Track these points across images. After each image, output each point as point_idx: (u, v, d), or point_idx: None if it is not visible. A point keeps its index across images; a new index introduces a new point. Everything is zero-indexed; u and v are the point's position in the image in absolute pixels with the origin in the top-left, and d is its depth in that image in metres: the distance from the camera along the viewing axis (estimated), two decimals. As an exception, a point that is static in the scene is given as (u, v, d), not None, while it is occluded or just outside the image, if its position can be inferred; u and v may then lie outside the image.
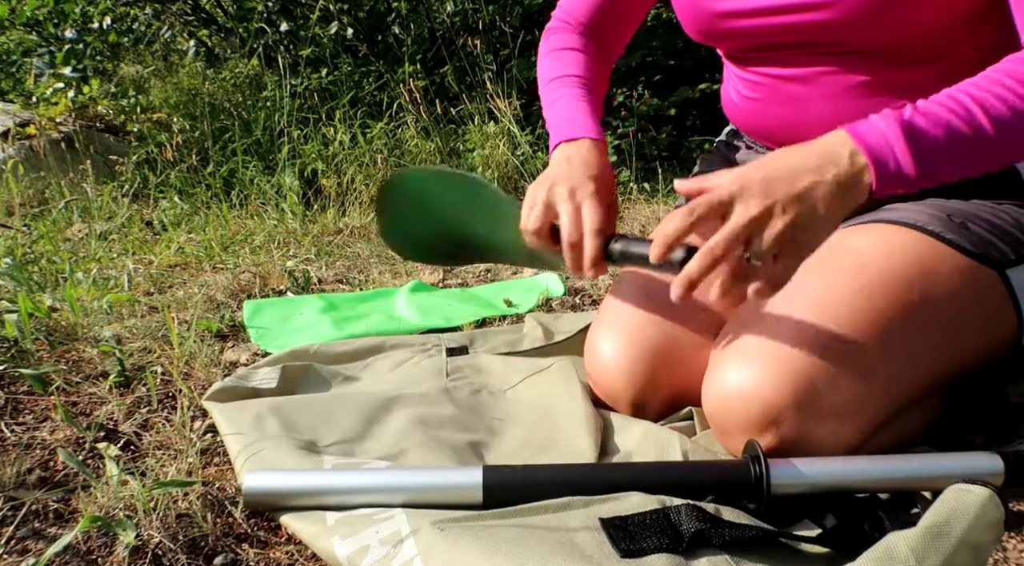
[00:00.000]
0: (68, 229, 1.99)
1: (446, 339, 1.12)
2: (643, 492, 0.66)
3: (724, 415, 0.75)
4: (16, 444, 0.83)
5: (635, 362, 0.87)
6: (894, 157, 0.64)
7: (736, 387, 0.73)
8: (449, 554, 0.57)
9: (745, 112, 0.94)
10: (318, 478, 0.70)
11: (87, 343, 1.10)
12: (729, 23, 0.86)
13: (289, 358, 1.03)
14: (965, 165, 0.67)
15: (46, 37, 3.56)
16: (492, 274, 1.63)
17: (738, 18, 0.85)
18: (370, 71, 3.24)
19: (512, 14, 3.36)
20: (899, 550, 0.53)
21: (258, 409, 0.85)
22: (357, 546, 0.61)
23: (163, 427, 0.87)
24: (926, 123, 0.65)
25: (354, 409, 0.86)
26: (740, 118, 0.97)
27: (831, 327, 0.72)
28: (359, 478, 0.69)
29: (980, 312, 0.78)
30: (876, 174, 0.64)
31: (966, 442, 0.84)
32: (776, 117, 0.90)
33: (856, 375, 0.71)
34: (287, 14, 3.30)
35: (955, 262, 0.77)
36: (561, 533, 0.60)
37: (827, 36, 0.80)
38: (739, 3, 0.84)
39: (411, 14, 3.50)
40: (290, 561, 0.67)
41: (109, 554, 0.65)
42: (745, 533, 0.59)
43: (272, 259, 1.71)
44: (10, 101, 3.38)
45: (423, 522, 0.62)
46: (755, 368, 0.72)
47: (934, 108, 0.66)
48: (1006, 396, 0.89)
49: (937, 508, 0.57)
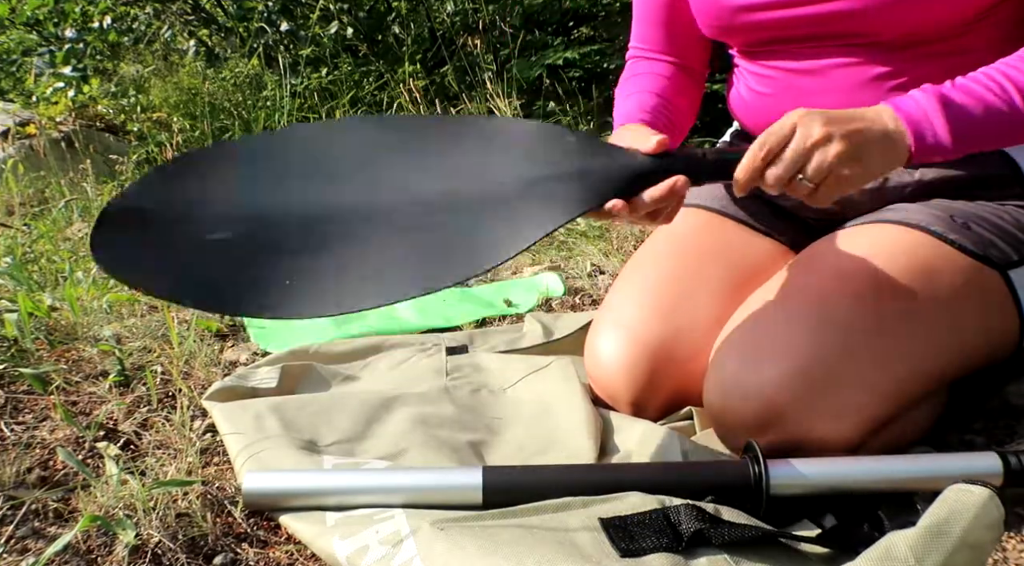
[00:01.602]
0: (68, 228, 1.98)
1: (446, 339, 1.12)
2: (642, 492, 0.66)
3: (725, 414, 0.75)
4: (16, 443, 0.83)
5: (635, 362, 0.86)
6: (932, 128, 0.70)
7: (737, 386, 0.73)
8: (449, 554, 0.57)
9: (755, 108, 0.94)
10: (318, 479, 0.70)
11: (87, 342, 1.10)
12: (748, 17, 0.86)
13: (289, 358, 1.03)
14: (998, 137, 0.73)
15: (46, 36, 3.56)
16: (492, 274, 1.63)
17: (756, 11, 0.85)
18: (370, 71, 3.24)
19: (512, 14, 3.36)
20: (898, 549, 0.53)
21: (258, 409, 0.85)
22: (356, 546, 0.61)
23: (163, 427, 0.87)
24: (962, 97, 0.71)
25: (354, 409, 0.86)
26: (749, 115, 0.96)
27: (832, 327, 0.72)
28: (358, 479, 0.69)
29: (982, 313, 0.78)
30: (915, 142, 0.69)
31: (966, 442, 0.84)
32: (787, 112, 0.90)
33: (857, 375, 0.71)
34: (287, 14, 3.29)
35: (957, 263, 0.77)
36: (561, 533, 0.60)
37: (843, 27, 0.80)
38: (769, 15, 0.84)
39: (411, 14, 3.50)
40: (290, 561, 0.67)
41: (109, 553, 0.65)
42: (744, 533, 0.59)
43: (272, 259, 1.70)
44: (10, 100, 3.38)
45: (423, 522, 0.62)
46: (756, 367, 0.72)
47: (970, 84, 0.72)
48: (1006, 397, 0.89)
49: (937, 508, 0.57)
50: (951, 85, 0.72)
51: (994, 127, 0.71)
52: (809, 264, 0.82)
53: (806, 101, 0.86)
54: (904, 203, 0.84)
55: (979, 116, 0.70)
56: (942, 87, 0.72)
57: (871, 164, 0.69)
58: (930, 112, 0.70)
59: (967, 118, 0.70)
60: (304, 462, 0.74)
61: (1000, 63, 0.73)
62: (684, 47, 0.99)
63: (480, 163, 0.69)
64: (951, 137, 0.70)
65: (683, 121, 0.99)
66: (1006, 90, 0.71)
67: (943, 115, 0.70)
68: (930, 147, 0.70)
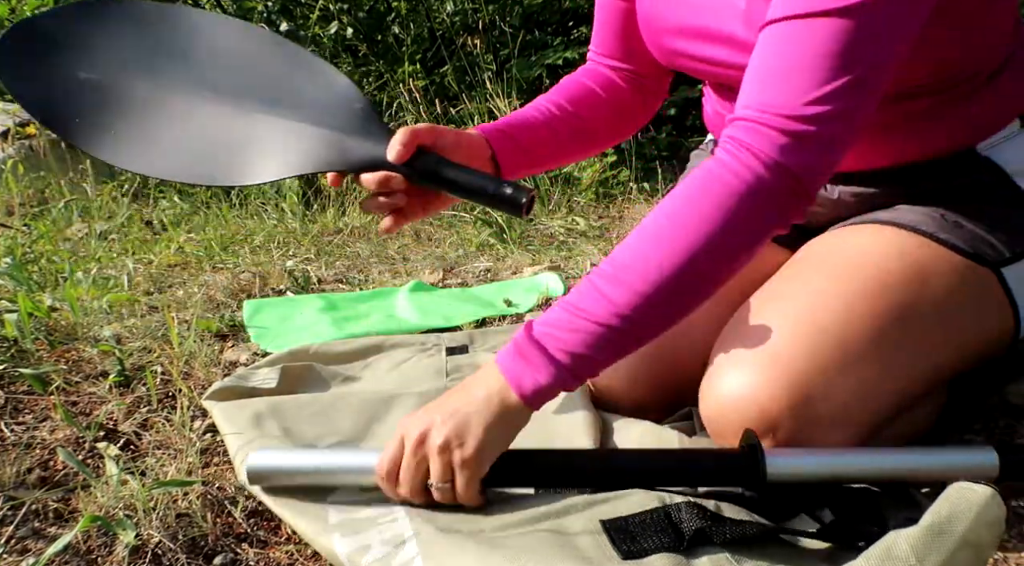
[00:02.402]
0: (68, 229, 1.99)
1: (446, 339, 1.12)
2: (641, 486, 0.67)
3: (721, 420, 0.75)
4: (16, 444, 0.83)
5: (635, 362, 0.86)
6: (529, 372, 0.66)
7: (733, 393, 0.73)
8: (449, 556, 0.57)
9: (719, 126, 0.93)
10: (321, 457, 0.70)
11: (87, 343, 1.10)
12: (683, 62, 0.85)
13: (289, 358, 1.03)
14: (609, 354, 0.67)
15: (46, 37, 3.56)
16: (492, 274, 1.63)
17: (690, 60, 0.84)
18: (370, 71, 3.24)
19: (512, 14, 3.36)
20: (900, 548, 0.53)
21: (257, 408, 0.85)
22: (358, 545, 0.61)
23: (163, 427, 0.87)
24: (544, 325, 0.66)
25: (354, 409, 0.86)
26: (717, 131, 0.96)
27: (827, 332, 0.72)
28: (362, 457, 0.69)
29: (976, 311, 0.78)
30: (516, 389, 0.66)
31: (965, 442, 0.84)
32: None
33: (853, 379, 0.71)
34: (287, 14, 3.29)
35: (950, 262, 0.77)
36: (562, 537, 0.60)
37: None
38: (690, 48, 0.82)
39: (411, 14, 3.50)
40: (290, 561, 0.67)
41: (109, 554, 0.65)
42: (746, 530, 0.59)
43: (272, 259, 1.71)
44: (10, 101, 3.38)
45: (425, 526, 0.62)
46: (751, 374, 0.72)
47: (555, 308, 0.67)
48: (1006, 396, 0.89)
49: (938, 506, 0.57)
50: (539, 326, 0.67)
51: (599, 349, 0.66)
52: (803, 267, 0.82)
53: None
54: (896, 203, 0.84)
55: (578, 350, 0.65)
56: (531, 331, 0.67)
57: (485, 432, 0.65)
58: (520, 344, 0.67)
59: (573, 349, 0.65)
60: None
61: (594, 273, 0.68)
62: (640, 57, 0.95)
63: (279, 92, 0.79)
64: (553, 376, 0.65)
65: (571, 135, 0.93)
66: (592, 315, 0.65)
67: (538, 353, 0.65)
68: (542, 389, 0.66)
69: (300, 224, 2.14)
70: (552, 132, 0.90)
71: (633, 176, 2.63)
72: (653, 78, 0.98)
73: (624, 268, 0.65)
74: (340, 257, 1.81)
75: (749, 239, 0.66)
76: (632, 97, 0.98)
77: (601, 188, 2.50)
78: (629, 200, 2.42)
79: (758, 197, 0.64)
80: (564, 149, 0.92)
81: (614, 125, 0.98)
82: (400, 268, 1.67)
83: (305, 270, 1.61)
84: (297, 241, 1.93)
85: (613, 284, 0.65)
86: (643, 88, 0.98)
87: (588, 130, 0.94)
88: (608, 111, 0.96)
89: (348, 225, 2.15)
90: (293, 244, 1.90)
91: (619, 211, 2.32)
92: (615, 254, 0.67)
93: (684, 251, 0.64)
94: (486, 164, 0.85)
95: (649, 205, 2.35)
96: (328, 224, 2.17)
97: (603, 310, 0.65)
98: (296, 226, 2.11)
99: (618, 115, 0.97)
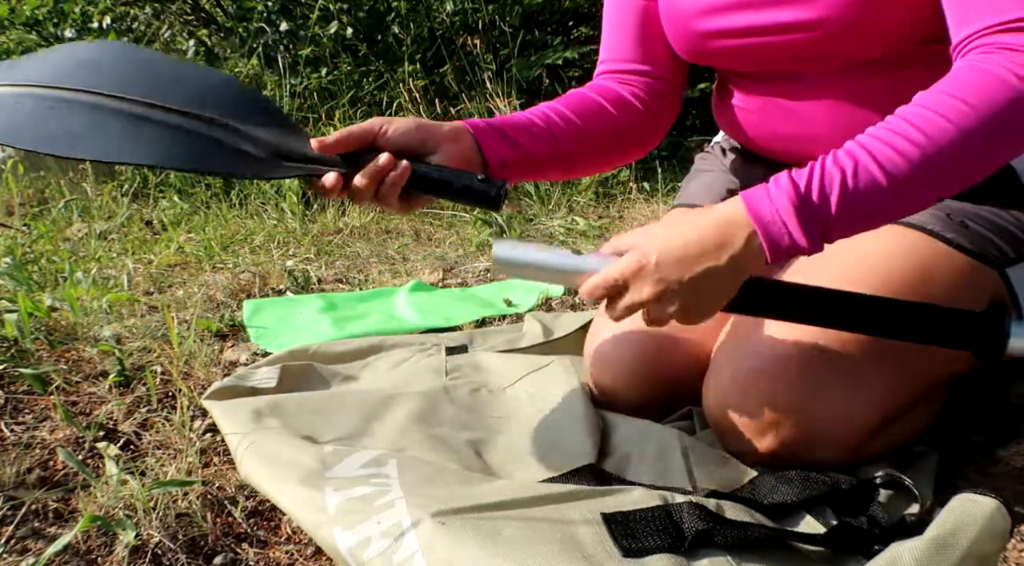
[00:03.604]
0: (68, 229, 1.98)
1: (446, 338, 1.12)
2: (645, 488, 0.66)
3: (724, 419, 0.75)
4: (16, 444, 0.83)
5: (635, 362, 0.86)
6: (788, 236, 0.63)
7: (734, 393, 0.73)
8: (450, 550, 0.57)
9: (741, 123, 0.93)
10: (555, 256, 0.70)
11: (87, 343, 1.10)
12: (715, 43, 0.85)
13: (289, 358, 1.03)
14: (867, 220, 0.65)
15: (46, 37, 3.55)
16: (492, 274, 1.63)
17: (724, 38, 0.83)
18: (370, 71, 3.24)
19: (512, 14, 3.36)
20: (904, 561, 0.53)
21: (257, 406, 0.85)
22: (359, 538, 0.61)
23: (163, 427, 0.87)
24: (819, 195, 0.63)
25: (353, 407, 0.86)
26: (734, 128, 0.95)
27: (828, 331, 0.72)
28: (593, 263, 0.69)
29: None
30: (770, 251, 0.64)
31: (966, 442, 0.84)
32: (770, 129, 0.89)
33: (855, 377, 0.71)
34: (287, 14, 3.29)
35: (954, 261, 0.77)
36: (563, 527, 0.60)
37: (817, 51, 0.79)
38: (725, 22, 0.82)
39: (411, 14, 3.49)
40: (290, 561, 0.67)
41: (109, 554, 0.65)
42: (748, 533, 0.59)
43: (272, 259, 1.71)
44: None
45: (424, 513, 0.61)
46: (753, 372, 0.72)
47: (830, 171, 0.63)
48: (1006, 396, 0.89)
49: (943, 518, 0.56)
50: (808, 177, 0.64)
51: (859, 215, 0.64)
52: (807, 265, 0.82)
53: (793, 120, 0.85)
54: None
55: (837, 210, 0.63)
56: (799, 184, 0.64)
57: (721, 294, 0.66)
58: (785, 217, 0.63)
59: (823, 216, 0.63)
60: (304, 450, 0.74)
61: (868, 135, 0.65)
62: (657, 59, 0.93)
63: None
64: (807, 239, 0.63)
65: (573, 140, 0.89)
66: (870, 171, 0.62)
67: (797, 219, 0.63)
68: (787, 250, 0.64)
69: (300, 224, 2.14)
70: (549, 131, 0.87)
71: (633, 176, 2.63)
72: (667, 83, 0.95)
73: (911, 136, 0.63)
74: (340, 257, 1.81)
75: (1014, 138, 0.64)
76: (641, 114, 0.93)
77: (601, 188, 2.50)
78: (629, 200, 2.41)
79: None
80: (567, 152, 0.88)
81: (620, 138, 0.93)
82: (400, 268, 1.67)
83: (305, 270, 1.61)
84: (297, 241, 1.93)
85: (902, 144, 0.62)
86: (655, 97, 0.94)
87: (592, 138, 0.90)
88: (615, 124, 0.92)
89: (348, 225, 2.15)
90: (293, 244, 1.90)
91: (619, 211, 2.32)
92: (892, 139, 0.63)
93: (968, 131, 0.62)
94: (470, 154, 0.80)
95: (649, 205, 2.34)
96: (328, 224, 2.17)
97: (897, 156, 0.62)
98: (296, 226, 2.11)
99: (626, 129, 0.93)
